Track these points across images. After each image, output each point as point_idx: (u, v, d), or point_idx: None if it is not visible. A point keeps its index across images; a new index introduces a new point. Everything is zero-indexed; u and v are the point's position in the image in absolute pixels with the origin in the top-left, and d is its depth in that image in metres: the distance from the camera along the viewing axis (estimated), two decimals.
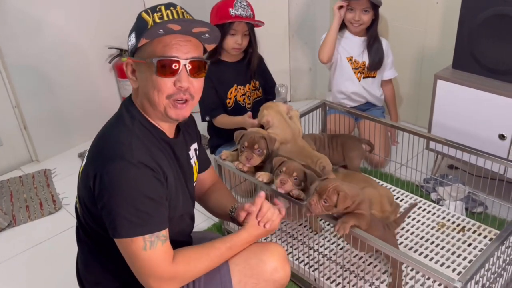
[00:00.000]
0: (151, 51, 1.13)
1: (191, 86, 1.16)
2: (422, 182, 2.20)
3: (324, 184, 1.42)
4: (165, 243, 1.13)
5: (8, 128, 2.51)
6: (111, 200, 1.08)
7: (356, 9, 2.30)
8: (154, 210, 1.11)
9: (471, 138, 2.00)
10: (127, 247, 1.11)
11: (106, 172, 1.09)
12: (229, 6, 2.07)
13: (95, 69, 2.74)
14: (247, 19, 2.10)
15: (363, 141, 2.14)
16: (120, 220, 1.08)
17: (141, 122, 1.19)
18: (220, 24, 2.08)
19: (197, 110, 2.68)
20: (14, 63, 2.42)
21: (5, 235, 2.11)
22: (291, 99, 3.18)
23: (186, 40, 1.14)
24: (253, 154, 1.70)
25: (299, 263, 1.70)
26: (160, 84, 1.13)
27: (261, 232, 1.28)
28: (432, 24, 2.51)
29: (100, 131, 1.21)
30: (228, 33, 2.11)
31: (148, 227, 1.10)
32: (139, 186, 1.09)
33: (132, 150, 1.11)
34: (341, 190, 1.39)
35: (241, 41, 2.14)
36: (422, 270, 1.27)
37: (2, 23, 2.32)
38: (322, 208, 1.40)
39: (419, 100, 2.74)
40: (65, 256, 1.91)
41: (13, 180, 2.46)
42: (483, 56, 1.96)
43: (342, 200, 1.38)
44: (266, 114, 1.89)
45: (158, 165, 1.14)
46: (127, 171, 1.08)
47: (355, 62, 2.43)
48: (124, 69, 1.19)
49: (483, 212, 1.99)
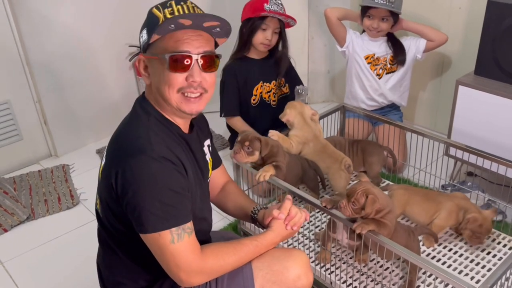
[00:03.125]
0: (163, 46, 1.13)
1: (203, 80, 1.16)
2: (440, 188, 2.18)
3: (354, 187, 1.40)
4: (192, 235, 1.14)
5: (29, 123, 2.55)
6: (135, 195, 1.08)
7: (375, 17, 2.28)
8: (178, 202, 1.12)
9: (492, 145, 1.98)
10: (155, 242, 1.11)
11: (128, 168, 1.09)
12: (264, 1, 2.10)
13: (115, 66, 2.76)
14: (281, 14, 2.11)
15: (385, 148, 2.12)
16: (146, 215, 1.09)
17: (156, 117, 1.19)
18: (252, 18, 2.10)
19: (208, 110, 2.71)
20: (37, 59, 2.45)
21: (24, 228, 2.14)
22: (308, 101, 3.18)
23: (197, 34, 1.14)
24: (241, 150, 1.69)
25: (315, 265, 1.69)
26: (172, 79, 1.13)
27: (288, 234, 1.29)
28: (454, 30, 2.49)
29: (116, 130, 1.22)
30: (260, 27, 2.13)
31: (174, 220, 1.10)
32: (162, 179, 1.09)
33: (151, 144, 1.11)
34: (370, 193, 1.37)
35: (271, 37, 2.16)
36: (442, 276, 1.26)
37: (26, 21, 2.36)
38: (352, 211, 1.38)
39: (439, 105, 2.72)
40: (82, 250, 1.93)
41: (32, 174, 2.49)
42: (506, 63, 1.94)
43: (370, 203, 1.36)
44: (287, 114, 1.89)
45: (178, 158, 1.14)
46: (149, 165, 1.08)
47: (376, 59, 2.39)
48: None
49: (502, 221, 1.96)
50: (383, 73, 2.41)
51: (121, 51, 2.75)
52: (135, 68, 2.83)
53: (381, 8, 2.22)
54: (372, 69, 2.40)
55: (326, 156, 1.91)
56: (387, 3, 2.21)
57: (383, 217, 1.39)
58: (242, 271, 1.23)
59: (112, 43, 2.70)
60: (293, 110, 1.90)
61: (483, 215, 1.71)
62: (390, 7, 2.21)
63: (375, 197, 1.36)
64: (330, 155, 1.91)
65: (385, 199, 1.40)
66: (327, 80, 3.16)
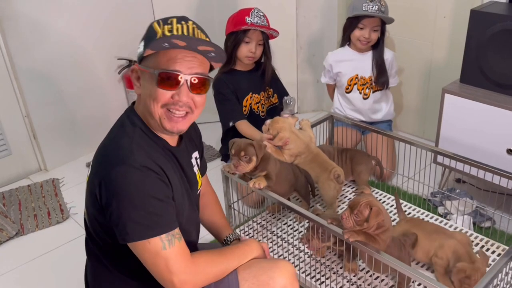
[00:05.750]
0: (155, 62, 1.14)
1: (190, 101, 1.17)
2: (429, 195, 2.20)
3: (356, 198, 1.38)
4: (181, 241, 1.15)
5: (17, 137, 2.54)
6: (119, 206, 1.09)
7: (367, 26, 2.29)
8: (163, 210, 1.12)
9: (479, 152, 2.00)
10: (145, 250, 1.11)
11: (110, 178, 1.09)
12: (245, 15, 2.11)
13: (104, 79, 2.77)
14: (262, 27, 2.12)
15: (373, 157, 2.13)
16: (132, 224, 1.09)
17: (142, 129, 1.19)
18: (235, 31, 2.11)
19: (204, 121, 2.72)
20: (25, 73, 2.45)
21: (13, 244, 2.12)
22: (298, 111, 3.20)
23: (192, 56, 1.15)
24: (240, 161, 1.70)
25: (306, 276, 1.69)
26: (158, 94, 1.14)
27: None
28: (439, 38, 2.52)
29: (103, 140, 1.22)
30: (243, 40, 2.14)
31: (160, 228, 1.11)
32: (145, 188, 1.09)
33: (133, 154, 1.11)
34: (374, 205, 1.35)
35: (255, 50, 2.17)
36: (430, 286, 1.26)
37: (14, 33, 2.36)
38: (354, 223, 1.35)
39: (426, 113, 2.74)
40: (72, 265, 1.92)
41: (22, 189, 2.48)
42: (491, 71, 1.96)
43: (374, 215, 1.33)
44: (283, 137, 1.86)
45: (160, 168, 1.15)
46: (130, 175, 1.09)
47: (362, 78, 2.42)
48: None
49: (491, 227, 1.97)
50: (370, 93, 2.43)
51: (110, 64, 2.76)
52: (124, 81, 2.84)
53: (375, 16, 2.25)
54: (361, 87, 2.43)
55: (316, 165, 1.91)
56: (379, 12, 2.24)
57: (378, 234, 1.37)
58: (228, 281, 1.23)
59: (101, 56, 2.70)
60: (285, 131, 1.88)
61: (475, 265, 1.55)
62: (382, 15, 2.24)
63: (378, 209, 1.34)
64: (321, 164, 1.91)
65: (387, 215, 1.39)
66: (316, 89, 3.18)
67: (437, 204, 2.14)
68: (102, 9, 2.62)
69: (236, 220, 1.91)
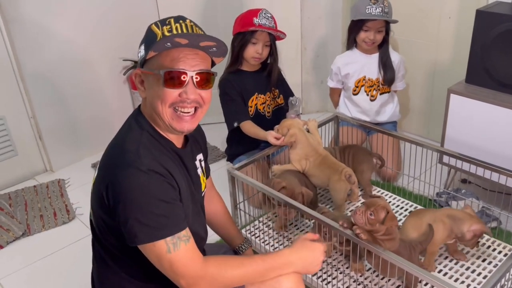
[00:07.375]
0: (159, 63, 1.15)
1: (198, 97, 1.18)
2: (435, 196, 2.19)
3: (374, 199, 1.41)
4: (189, 243, 1.14)
5: (23, 138, 2.55)
6: (126, 208, 1.09)
7: (372, 29, 2.30)
8: (170, 212, 1.12)
9: (485, 152, 2.00)
10: (151, 251, 1.12)
11: (116, 181, 1.10)
12: (253, 16, 2.12)
13: (110, 80, 2.78)
14: (270, 29, 2.13)
15: (374, 155, 2.13)
16: (138, 226, 1.09)
17: (150, 132, 1.20)
18: (242, 32, 2.11)
19: (209, 122, 2.72)
20: (31, 74, 2.46)
21: (19, 244, 2.13)
22: (302, 111, 3.20)
23: (194, 53, 1.15)
24: None
25: (312, 276, 1.69)
26: (165, 94, 1.14)
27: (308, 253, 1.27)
28: (444, 39, 2.52)
29: (110, 142, 1.23)
30: (250, 41, 2.15)
31: (167, 230, 1.11)
32: (151, 190, 1.10)
33: (140, 157, 1.12)
34: (391, 210, 1.38)
35: (262, 51, 2.17)
36: (438, 285, 1.26)
37: (20, 35, 2.37)
38: (366, 221, 1.37)
39: (431, 113, 2.74)
40: (78, 265, 1.92)
41: (28, 190, 2.49)
42: (496, 71, 1.96)
43: (389, 219, 1.36)
44: (293, 134, 1.87)
45: (167, 171, 1.15)
46: (137, 178, 1.09)
47: (369, 80, 2.43)
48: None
49: (497, 227, 1.97)
50: (377, 94, 2.44)
51: (116, 65, 2.77)
52: (129, 82, 2.85)
53: (379, 19, 2.25)
54: (368, 89, 2.43)
55: (326, 167, 1.91)
56: (383, 14, 2.24)
57: (384, 240, 1.39)
58: None
59: (106, 57, 2.71)
60: (294, 128, 1.88)
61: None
62: (386, 18, 2.25)
63: (394, 215, 1.38)
64: (330, 165, 1.91)
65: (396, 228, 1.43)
66: (321, 90, 3.18)
67: (443, 204, 2.14)
68: (108, 11, 2.63)
69: (242, 220, 1.92)
